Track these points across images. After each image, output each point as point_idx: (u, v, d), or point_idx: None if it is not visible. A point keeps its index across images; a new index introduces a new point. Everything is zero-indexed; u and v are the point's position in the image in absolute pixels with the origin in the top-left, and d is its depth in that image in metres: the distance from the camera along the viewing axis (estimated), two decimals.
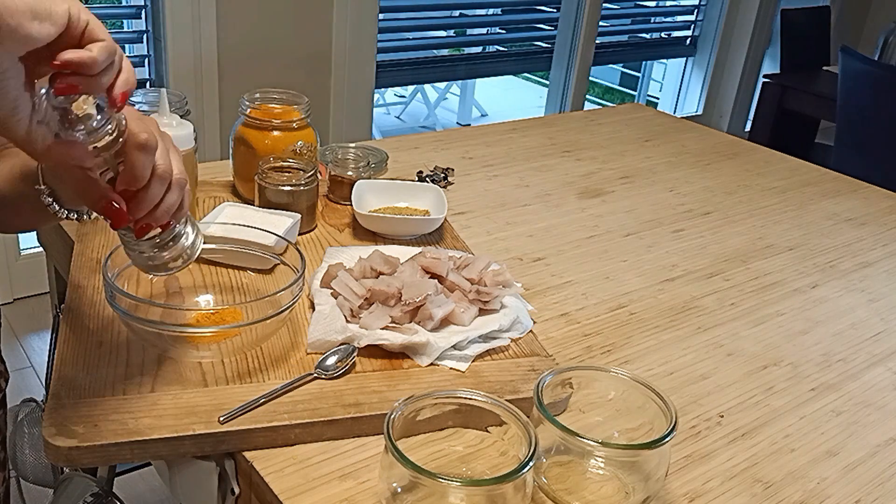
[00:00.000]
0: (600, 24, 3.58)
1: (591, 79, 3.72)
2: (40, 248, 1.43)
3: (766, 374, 0.93)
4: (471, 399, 0.70)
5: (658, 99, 4.58)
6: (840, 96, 2.92)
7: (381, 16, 2.84)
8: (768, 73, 3.48)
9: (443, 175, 1.35)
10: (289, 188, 1.05)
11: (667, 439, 0.67)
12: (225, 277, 0.95)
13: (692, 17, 4.12)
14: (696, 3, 4.07)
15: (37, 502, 1.57)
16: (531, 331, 0.91)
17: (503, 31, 4.44)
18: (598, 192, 1.40)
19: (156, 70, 2.50)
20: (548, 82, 3.74)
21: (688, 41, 4.16)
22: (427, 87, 5.05)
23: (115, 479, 1.13)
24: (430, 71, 3.42)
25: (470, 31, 4.40)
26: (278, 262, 0.90)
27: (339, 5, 2.68)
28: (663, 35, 4.13)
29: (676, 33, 4.14)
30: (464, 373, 0.82)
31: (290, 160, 1.09)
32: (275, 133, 1.11)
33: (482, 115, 5.22)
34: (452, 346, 0.83)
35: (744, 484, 0.76)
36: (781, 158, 1.68)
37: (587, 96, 3.80)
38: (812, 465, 0.79)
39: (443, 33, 3.85)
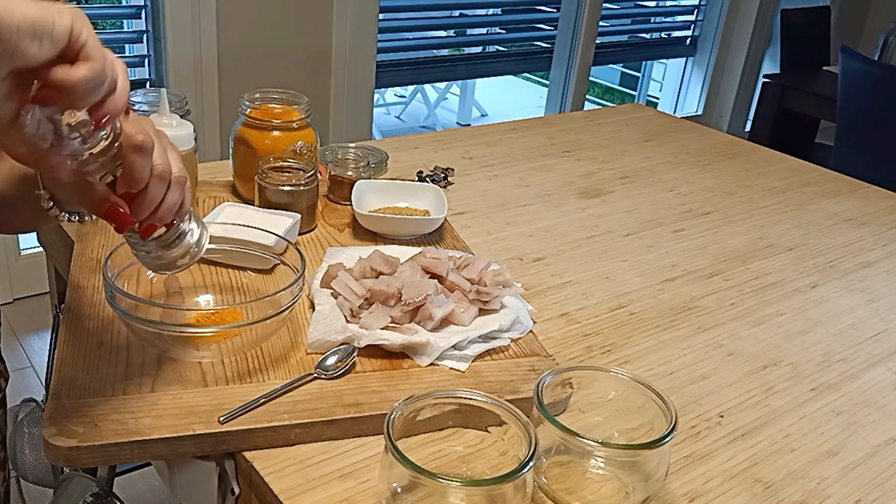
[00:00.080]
0: (600, 24, 3.58)
1: (591, 79, 3.72)
2: (40, 248, 1.44)
3: (766, 374, 0.93)
4: (471, 399, 0.70)
5: (658, 99, 4.58)
6: (840, 96, 2.92)
7: (381, 16, 2.84)
8: (768, 73, 3.48)
9: (443, 175, 1.35)
10: (289, 188, 1.05)
11: (667, 439, 0.67)
12: (225, 277, 0.95)
13: (692, 17, 4.13)
14: (696, 3, 4.07)
15: (37, 502, 1.57)
16: (531, 331, 0.91)
17: (503, 31, 4.44)
18: (598, 192, 1.40)
19: (156, 70, 2.50)
20: (548, 82, 3.74)
21: (688, 41, 4.16)
22: (427, 87, 5.06)
23: (115, 479, 1.13)
24: (430, 71, 3.42)
25: (470, 31, 4.40)
26: (278, 262, 0.90)
27: (339, 5, 2.68)
28: (663, 35, 4.13)
29: (676, 33, 4.14)
30: (464, 373, 0.82)
31: (290, 160, 1.09)
32: (275, 133, 1.11)
33: (482, 115, 5.22)
34: (452, 346, 0.83)
35: (744, 484, 0.76)
36: (781, 158, 1.68)
37: (587, 96, 3.80)
38: (812, 465, 0.79)
39: (443, 33, 3.85)
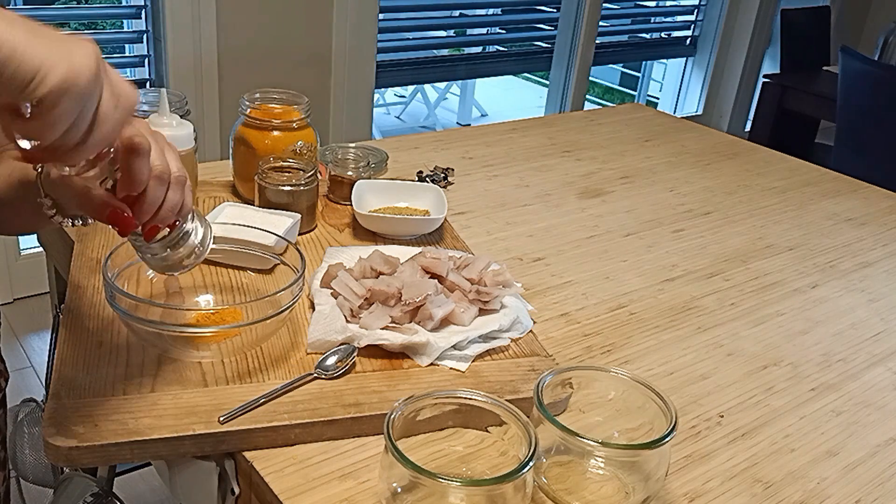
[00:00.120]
0: (600, 24, 3.58)
1: (591, 79, 3.72)
2: (40, 248, 1.44)
3: (766, 374, 0.93)
4: (471, 399, 0.70)
5: (658, 99, 4.58)
6: (840, 96, 2.92)
7: (381, 16, 2.84)
8: (768, 73, 3.48)
9: (443, 175, 1.35)
10: (289, 188, 1.05)
11: (667, 439, 0.67)
12: (225, 277, 0.95)
13: (692, 17, 4.13)
14: (696, 3, 4.07)
15: (37, 502, 1.57)
16: (531, 331, 0.91)
17: (503, 31, 4.44)
18: (598, 192, 1.40)
19: (156, 70, 2.50)
20: (548, 82, 3.74)
21: (688, 41, 4.16)
22: (427, 87, 5.06)
23: (115, 479, 1.13)
24: (430, 71, 3.42)
25: (470, 31, 4.40)
26: (278, 262, 0.90)
27: (339, 5, 2.68)
28: (663, 35, 4.13)
29: (676, 33, 4.14)
30: (464, 373, 0.82)
31: (290, 160, 1.09)
32: (275, 133, 1.11)
33: (482, 115, 5.21)
34: (452, 346, 0.83)
35: (744, 484, 0.76)
36: (781, 158, 1.68)
37: (587, 96, 3.80)
38: (812, 465, 0.79)
39: (443, 33, 3.85)
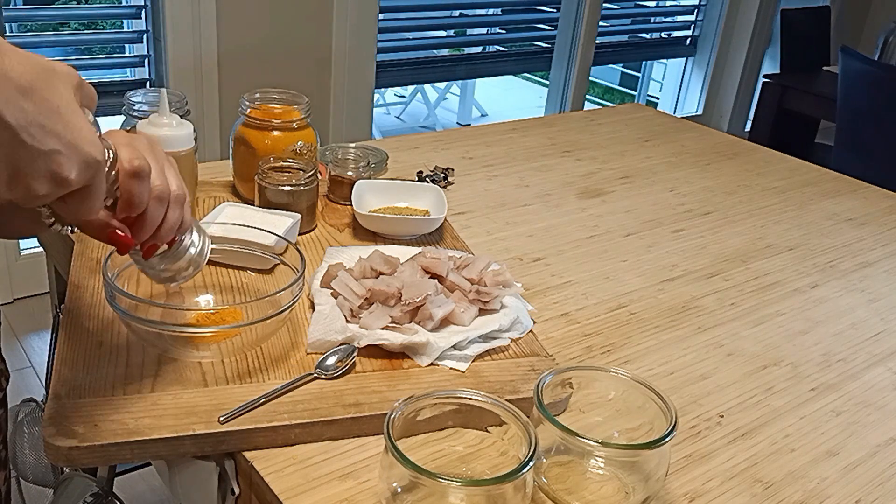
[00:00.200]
0: (600, 24, 3.58)
1: (591, 79, 3.72)
2: (40, 248, 1.44)
3: (766, 374, 0.93)
4: (471, 399, 0.70)
5: (658, 99, 4.58)
6: (840, 96, 2.92)
7: (381, 16, 2.84)
8: (768, 73, 3.48)
9: (443, 175, 1.35)
10: (289, 188, 1.05)
11: (667, 439, 0.67)
12: (225, 277, 0.95)
13: (692, 17, 4.12)
14: (696, 3, 4.07)
15: (37, 502, 1.57)
16: (531, 331, 0.91)
17: (503, 31, 4.44)
18: (598, 192, 1.40)
19: (156, 70, 2.50)
20: (548, 82, 3.73)
21: (688, 41, 4.16)
22: (427, 87, 5.05)
23: (115, 479, 1.13)
24: (430, 71, 3.42)
25: (470, 31, 4.40)
26: (278, 262, 0.90)
27: (339, 5, 2.68)
28: (663, 35, 4.13)
29: (676, 33, 4.14)
30: (464, 373, 0.82)
31: (290, 160, 1.09)
32: (275, 133, 1.11)
33: (482, 115, 5.21)
34: (452, 346, 0.83)
35: (744, 484, 0.76)
36: (781, 158, 1.68)
37: (587, 96, 3.80)
38: (812, 465, 0.79)
39: (443, 33, 3.85)
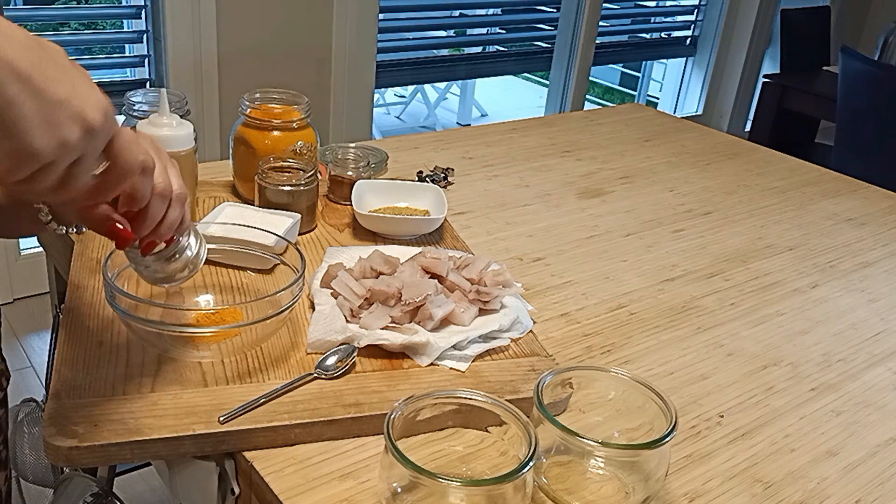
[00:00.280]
0: (600, 24, 3.58)
1: (591, 79, 3.72)
2: (40, 248, 1.44)
3: (766, 374, 0.93)
4: (471, 399, 0.70)
5: (658, 99, 4.58)
6: (840, 96, 2.92)
7: (381, 16, 2.84)
8: (768, 73, 3.48)
9: (443, 175, 1.35)
10: (289, 188, 1.05)
11: (667, 439, 0.67)
12: (225, 277, 0.95)
13: (692, 17, 4.13)
14: (696, 3, 4.07)
15: (37, 502, 1.57)
16: (531, 331, 0.91)
17: (503, 31, 4.44)
18: (598, 192, 1.40)
19: (156, 70, 2.50)
20: (548, 82, 3.73)
21: (688, 41, 4.16)
22: (427, 87, 5.05)
23: (115, 479, 1.13)
24: (430, 71, 3.42)
25: (470, 31, 4.40)
26: (278, 262, 0.90)
27: (339, 5, 2.68)
28: (663, 35, 4.13)
29: (676, 33, 4.14)
30: (464, 373, 0.82)
31: (290, 160, 1.09)
32: (275, 133, 1.11)
33: (482, 115, 5.21)
34: (452, 346, 0.83)
35: (744, 484, 0.76)
36: (781, 158, 1.68)
37: (587, 96, 3.80)
38: (812, 465, 0.79)
39: (443, 33, 3.85)
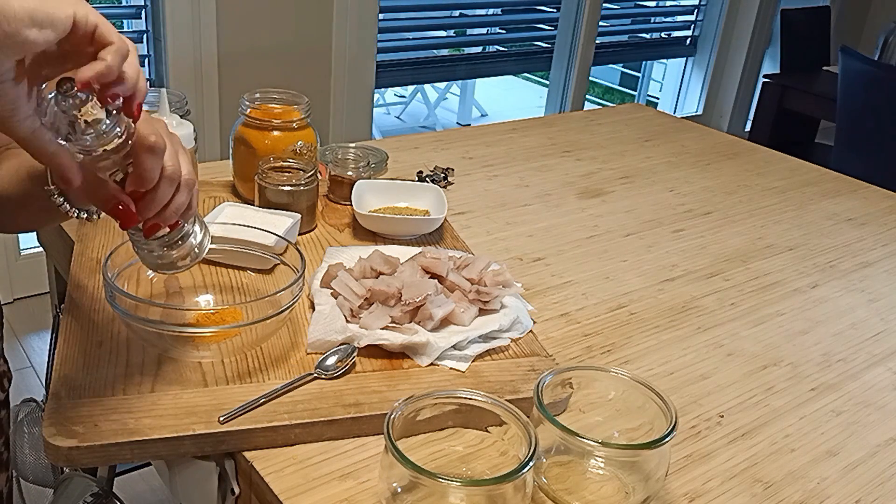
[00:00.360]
0: (600, 24, 3.58)
1: (591, 79, 3.72)
2: (40, 248, 1.44)
3: (766, 374, 0.93)
4: (471, 399, 0.70)
5: (658, 99, 4.58)
6: (840, 96, 2.92)
7: (381, 16, 2.84)
8: (768, 73, 3.48)
9: (443, 175, 1.35)
10: (289, 188, 1.05)
11: (667, 439, 0.67)
12: (225, 277, 0.95)
13: (692, 17, 4.12)
14: (696, 3, 4.07)
15: (37, 502, 1.57)
16: (531, 331, 0.91)
17: (503, 31, 4.44)
18: (598, 192, 1.40)
19: (156, 70, 2.50)
20: (548, 82, 3.73)
21: (688, 41, 4.16)
22: (427, 87, 5.05)
23: (115, 479, 1.13)
24: (430, 71, 3.42)
25: (470, 31, 4.40)
26: (278, 262, 0.91)
27: (339, 5, 2.68)
28: (663, 35, 4.13)
29: (676, 33, 4.14)
30: (464, 373, 0.82)
31: (290, 160, 1.09)
32: (275, 133, 1.11)
33: (482, 115, 5.21)
34: (452, 346, 0.83)
35: (744, 484, 0.76)
36: (781, 158, 1.68)
37: (587, 96, 3.80)
38: (812, 465, 0.79)
39: (443, 33, 3.85)
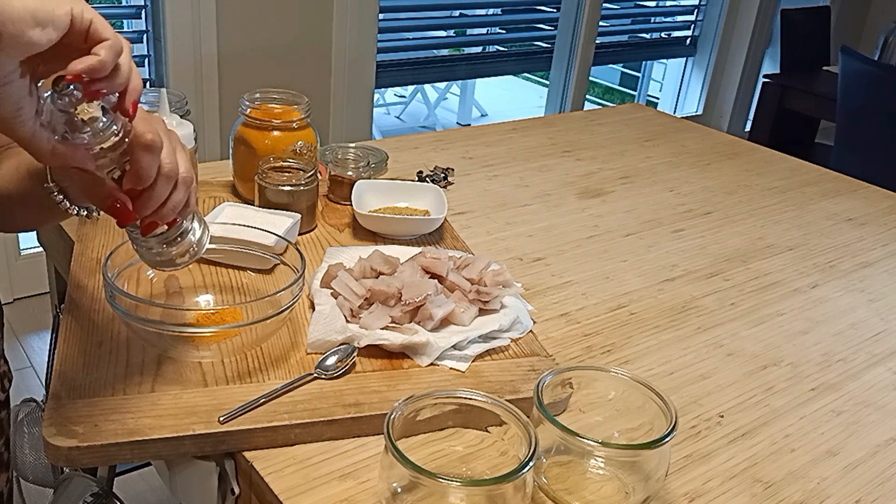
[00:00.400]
0: (600, 24, 3.58)
1: (591, 79, 3.72)
2: (40, 248, 1.44)
3: (766, 374, 0.93)
4: (471, 399, 0.70)
5: (658, 99, 4.58)
6: (840, 96, 2.92)
7: (381, 16, 2.84)
8: (768, 73, 3.48)
9: (443, 175, 1.35)
10: (289, 188, 1.05)
11: (667, 439, 0.67)
12: (225, 277, 0.95)
13: (692, 17, 4.12)
14: (696, 3, 4.07)
15: (37, 502, 1.57)
16: (531, 331, 0.91)
17: (503, 31, 4.44)
18: (598, 192, 1.40)
19: (156, 70, 2.50)
20: (548, 82, 3.73)
21: (688, 41, 4.16)
22: (427, 87, 5.05)
23: (115, 479, 1.13)
24: (430, 71, 3.42)
25: (470, 31, 4.40)
26: (278, 262, 0.91)
27: (339, 5, 2.68)
28: (663, 35, 4.13)
29: (676, 33, 4.14)
30: (464, 373, 0.82)
31: (290, 160, 1.09)
32: (275, 133, 1.11)
33: (482, 115, 5.21)
34: (452, 346, 0.83)
35: (744, 484, 0.76)
36: (781, 158, 1.68)
37: (587, 96, 3.80)
38: (812, 465, 0.79)
39: (443, 33, 3.85)
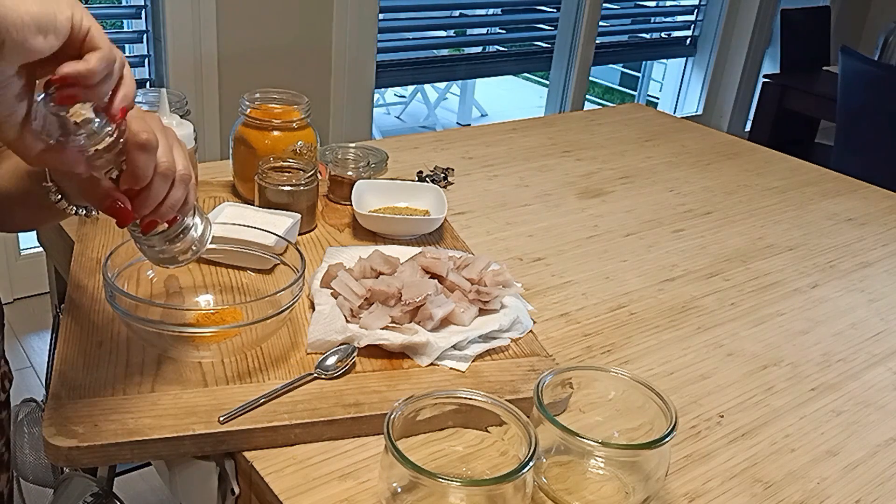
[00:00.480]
0: (600, 24, 3.58)
1: (591, 79, 3.72)
2: (40, 248, 1.44)
3: (766, 374, 0.93)
4: (471, 399, 0.70)
5: (658, 99, 4.58)
6: (840, 96, 2.92)
7: (381, 16, 2.84)
8: (768, 73, 3.48)
9: (443, 175, 1.35)
10: (289, 188, 1.05)
11: (667, 439, 0.67)
12: (225, 277, 0.95)
13: (692, 17, 4.13)
14: (696, 3, 4.07)
15: (37, 502, 1.57)
16: (531, 331, 0.91)
17: (503, 31, 4.44)
18: (598, 192, 1.40)
19: (156, 70, 2.50)
20: (548, 82, 3.74)
21: (688, 41, 4.16)
22: (427, 87, 5.05)
23: (115, 479, 1.13)
24: (430, 71, 3.42)
25: (470, 31, 4.40)
26: (278, 262, 0.91)
27: (339, 5, 2.68)
28: (663, 35, 4.13)
29: (676, 33, 4.14)
30: (464, 373, 0.82)
31: (290, 160, 1.09)
32: (275, 133, 1.11)
33: (482, 115, 5.21)
34: (452, 346, 0.83)
35: (744, 484, 0.76)
36: (781, 158, 1.68)
37: (587, 96, 3.80)
38: (812, 465, 0.79)
39: (443, 33, 3.85)
